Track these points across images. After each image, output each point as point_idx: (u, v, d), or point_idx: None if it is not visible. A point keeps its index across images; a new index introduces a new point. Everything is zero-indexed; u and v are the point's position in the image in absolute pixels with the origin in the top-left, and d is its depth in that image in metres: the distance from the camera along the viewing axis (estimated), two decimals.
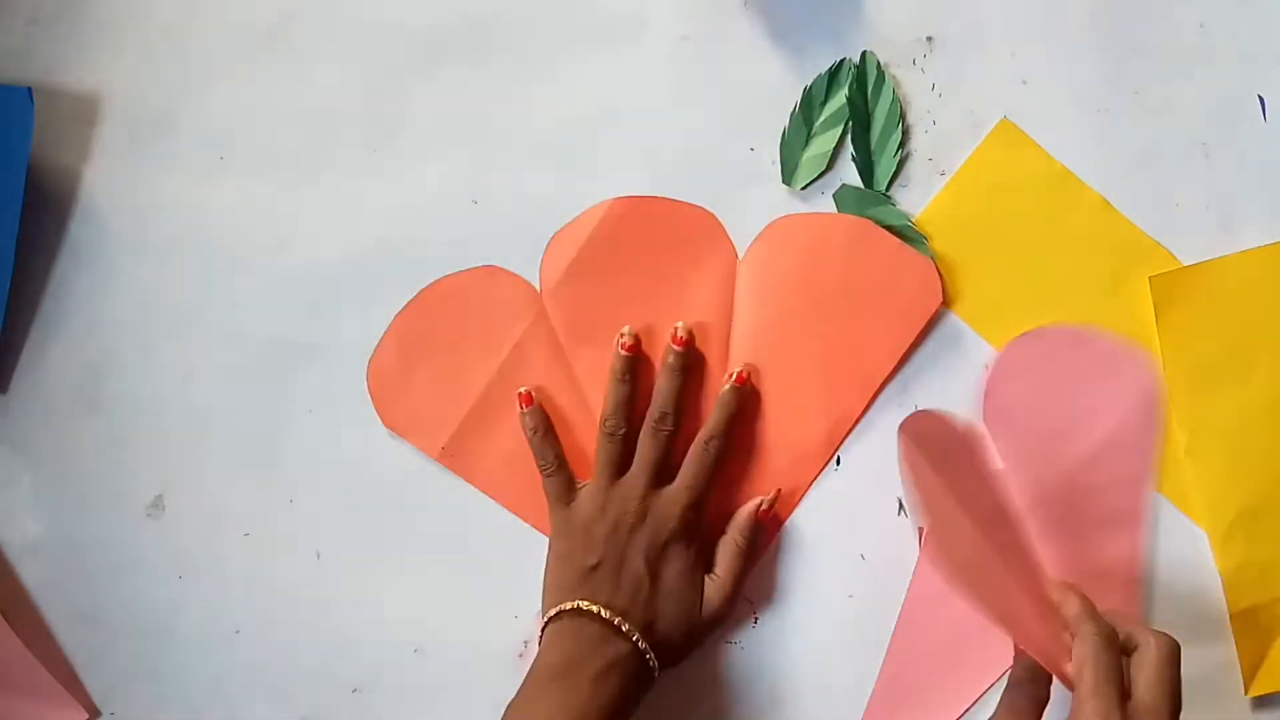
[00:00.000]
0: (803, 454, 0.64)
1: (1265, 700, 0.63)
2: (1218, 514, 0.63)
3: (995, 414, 0.64)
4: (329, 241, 0.66)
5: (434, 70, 0.67)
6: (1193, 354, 0.64)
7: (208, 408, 0.66)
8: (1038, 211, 0.65)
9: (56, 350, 0.66)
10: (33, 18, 0.67)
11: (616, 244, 0.65)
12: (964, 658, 0.64)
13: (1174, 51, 0.65)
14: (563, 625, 0.58)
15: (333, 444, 0.66)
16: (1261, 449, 0.64)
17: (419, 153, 0.66)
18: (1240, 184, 0.65)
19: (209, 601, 0.65)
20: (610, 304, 0.65)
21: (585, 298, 0.65)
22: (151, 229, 0.67)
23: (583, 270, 0.65)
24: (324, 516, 0.66)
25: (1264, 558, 0.63)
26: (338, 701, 0.65)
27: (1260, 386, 0.64)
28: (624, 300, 0.65)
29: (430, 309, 0.65)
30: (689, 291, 0.65)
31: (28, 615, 0.65)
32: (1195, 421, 0.64)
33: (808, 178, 0.65)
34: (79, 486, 0.66)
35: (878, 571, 0.64)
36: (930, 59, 0.66)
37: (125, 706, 0.65)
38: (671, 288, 0.65)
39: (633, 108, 0.66)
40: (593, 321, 0.65)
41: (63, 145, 0.67)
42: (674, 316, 0.64)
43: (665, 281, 0.65)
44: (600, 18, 0.66)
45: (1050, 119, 0.65)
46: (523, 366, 0.65)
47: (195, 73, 0.67)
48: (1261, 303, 0.64)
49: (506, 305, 0.65)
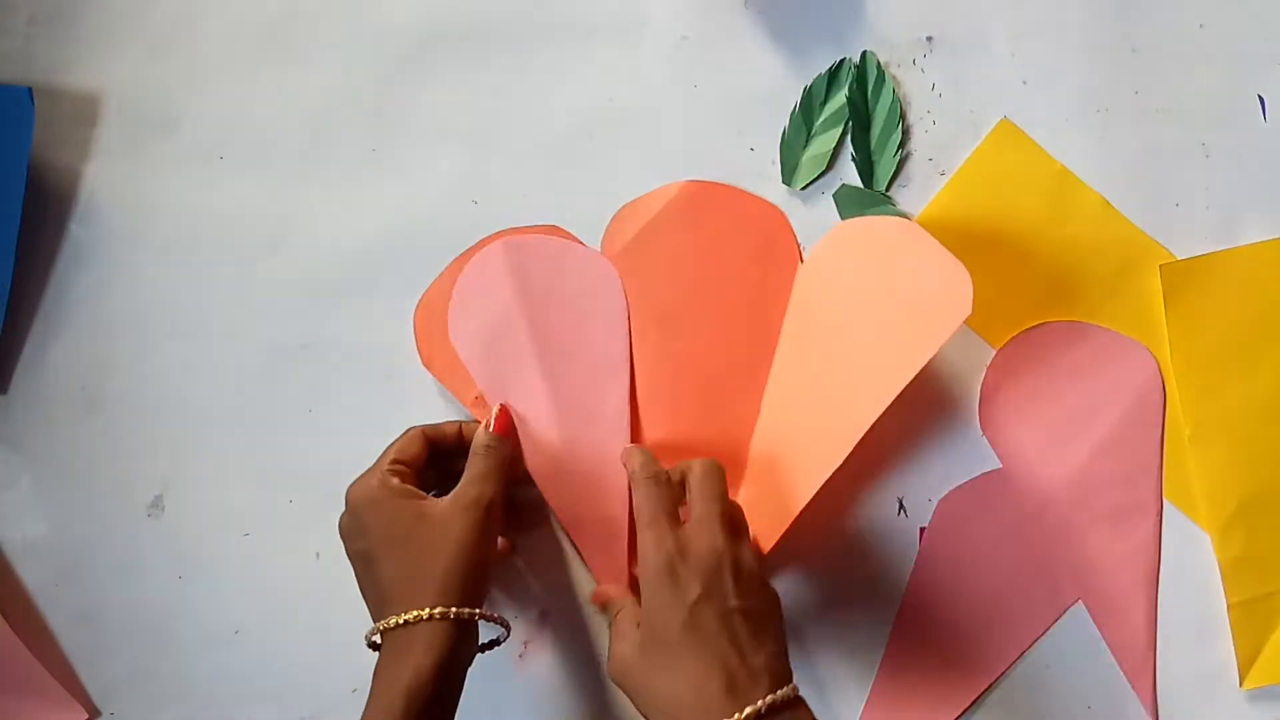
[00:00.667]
0: (820, 452, 0.61)
1: (1260, 693, 0.63)
2: (1218, 505, 0.64)
3: (995, 412, 0.64)
4: (329, 241, 0.66)
5: (434, 70, 0.67)
6: (1200, 344, 0.64)
7: (207, 408, 0.66)
8: (1038, 211, 0.65)
9: (56, 350, 0.66)
10: (33, 18, 0.67)
11: (682, 226, 0.65)
12: (962, 657, 0.64)
13: (1174, 51, 0.65)
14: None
15: (333, 444, 0.66)
16: (1264, 442, 0.64)
17: (419, 152, 0.67)
18: (1240, 184, 0.65)
19: (209, 601, 0.65)
20: (666, 283, 0.65)
21: (643, 274, 0.65)
22: (151, 229, 0.67)
23: (644, 247, 0.65)
24: (324, 516, 0.65)
25: (1263, 550, 0.63)
26: (338, 701, 0.65)
27: (1266, 379, 0.64)
28: (680, 283, 0.64)
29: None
30: (747, 286, 0.64)
31: (28, 615, 0.65)
32: (1200, 412, 0.64)
33: (808, 178, 0.65)
34: (79, 486, 0.66)
35: (878, 571, 0.64)
36: (930, 59, 0.66)
37: (125, 706, 0.65)
38: (730, 278, 0.65)
39: (633, 107, 0.66)
40: (646, 298, 0.64)
41: (63, 145, 0.67)
42: (726, 308, 0.64)
43: (725, 271, 0.65)
44: (600, 17, 0.66)
45: (1050, 119, 0.65)
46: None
47: (195, 73, 0.67)
48: (1271, 295, 0.64)
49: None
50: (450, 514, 0.57)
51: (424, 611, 0.54)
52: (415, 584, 0.55)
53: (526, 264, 0.64)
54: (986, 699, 0.64)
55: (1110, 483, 0.64)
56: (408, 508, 0.57)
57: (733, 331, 0.64)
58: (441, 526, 0.56)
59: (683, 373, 0.64)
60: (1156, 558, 0.64)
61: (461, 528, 0.56)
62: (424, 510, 0.57)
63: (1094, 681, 0.64)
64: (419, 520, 0.56)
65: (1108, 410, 0.64)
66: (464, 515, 0.57)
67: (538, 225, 0.65)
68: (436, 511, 0.57)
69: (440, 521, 0.57)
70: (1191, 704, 0.64)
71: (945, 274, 0.59)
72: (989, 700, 0.64)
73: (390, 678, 0.54)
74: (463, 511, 0.57)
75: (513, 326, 0.63)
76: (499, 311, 0.63)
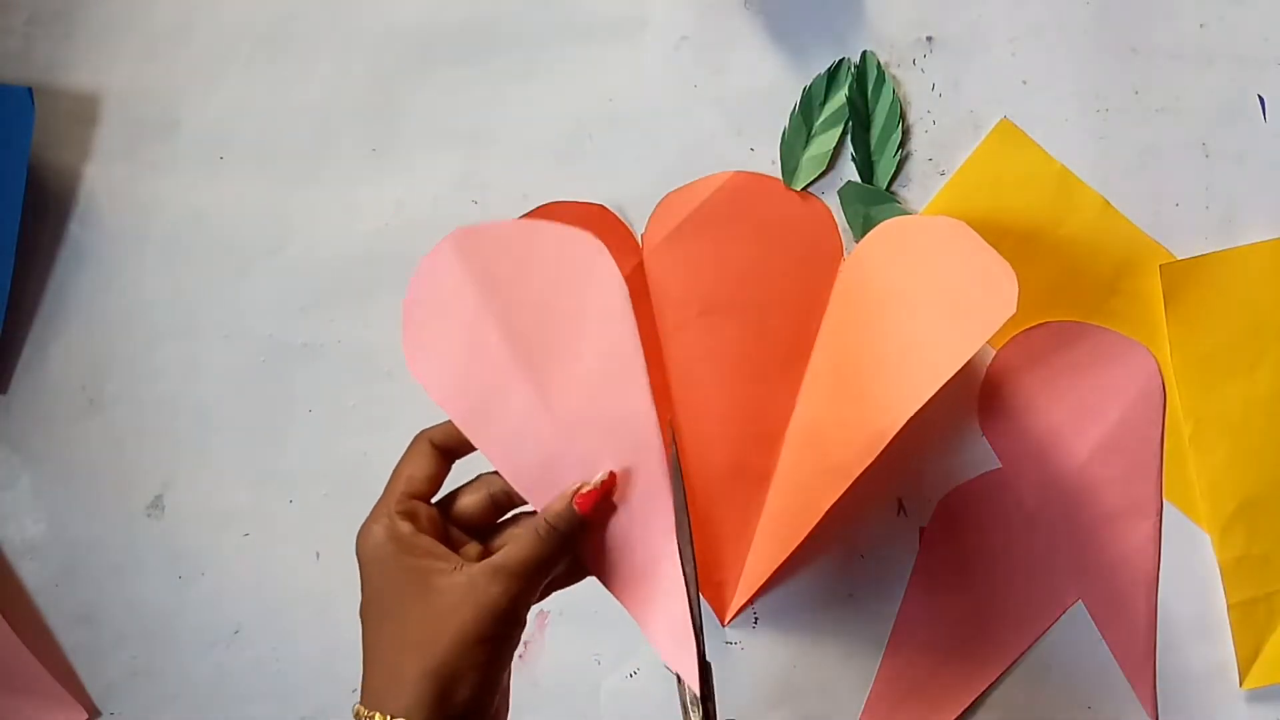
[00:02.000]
0: (852, 450, 0.59)
1: (1260, 693, 0.63)
2: (1219, 505, 0.64)
3: (995, 412, 0.64)
4: (329, 241, 0.66)
5: (433, 70, 0.67)
6: (1200, 344, 0.64)
7: (208, 407, 0.66)
8: (1038, 212, 0.65)
9: (56, 350, 0.66)
10: (33, 18, 0.67)
11: (727, 217, 0.65)
12: (962, 657, 0.64)
13: (1174, 51, 0.65)
14: None
15: (333, 444, 0.66)
16: (1265, 442, 0.64)
17: (419, 152, 0.67)
18: (1240, 184, 0.65)
19: (209, 601, 0.65)
20: (708, 273, 0.64)
21: (685, 262, 0.65)
22: (151, 229, 0.67)
23: (689, 234, 0.65)
24: (324, 516, 0.66)
25: (1263, 550, 0.63)
26: (338, 701, 0.65)
27: (1266, 379, 0.64)
28: (721, 273, 0.64)
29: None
30: (790, 281, 0.64)
31: (28, 615, 0.65)
32: (1200, 411, 0.64)
33: (808, 178, 0.65)
34: (79, 486, 0.66)
35: (878, 571, 0.64)
36: (930, 59, 0.66)
37: (125, 706, 0.65)
38: (772, 273, 0.64)
39: (632, 107, 0.66)
40: (687, 286, 0.64)
41: (63, 145, 0.67)
42: (767, 300, 0.64)
43: (767, 265, 0.64)
44: (600, 17, 0.66)
45: (1050, 119, 0.65)
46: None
47: (195, 73, 0.67)
48: (1271, 295, 0.64)
49: (610, 248, 0.59)
50: (464, 594, 0.44)
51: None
52: (393, 676, 0.44)
53: (487, 257, 0.50)
54: (986, 699, 0.64)
55: (1110, 483, 0.64)
56: (411, 571, 0.44)
57: (773, 326, 0.64)
58: (448, 609, 0.44)
59: (721, 366, 0.64)
60: (1156, 558, 0.64)
61: (473, 619, 0.43)
62: (431, 579, 0.44)
63: (1094, 681, 0.64)
64: (420, 591, 0.44)
65: (1108, 410, 0.64)
66: (482, 601, 0.44)
67: (581, 201, 0.65)
68: (447, 584, 0.44)
69: (448, 601, 0.44)
70: (1192, 704, 0.64)
71: (990, 272, 0.57)
72: (989, 700, 0.64)
73: None
74: (482, 595, 0.44)
75: (484, 341, 0.50)
76: (464, 325, 0.50)
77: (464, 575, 0.44)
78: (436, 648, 0.43)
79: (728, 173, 0.65)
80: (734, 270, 0.65)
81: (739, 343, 0.64)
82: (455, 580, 0.44)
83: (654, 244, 0.65)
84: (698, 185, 0.65)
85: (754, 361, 0.64)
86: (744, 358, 0.64)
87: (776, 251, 0.65)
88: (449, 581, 0.44)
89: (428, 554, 0.45)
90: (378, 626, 0.45)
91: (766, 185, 0.65)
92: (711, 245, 0.65)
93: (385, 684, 0.44)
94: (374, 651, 0.45)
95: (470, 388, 0.50)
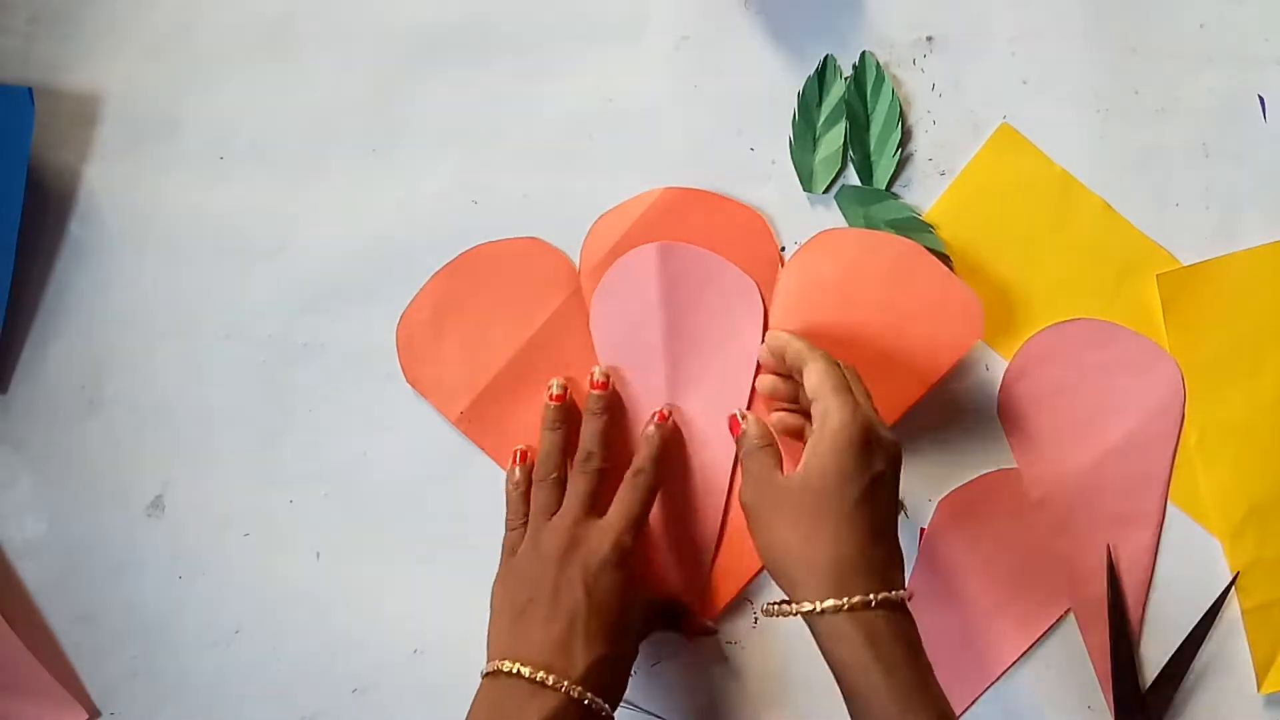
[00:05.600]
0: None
1: (1278, 697, 0.63)
2: (1229, 511, 0.64)
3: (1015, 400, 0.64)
4: (329, 241, 0.66)
5: (434, 70, 0.67)
6: (1200, 351, 0.64)
7: (208, 408, 0.66)
8: (1039, 216, 0.65)
9: (56, 350, 0.66)
10: (33, 18, 0.67)
11: (661, 232, 0.65)
12: (962, 657, 0.64)
13: (1174, 51, 0.65)
14: (490, 686, 0.55)
15: (333, 444, 0.66)
16: (1271, 446, 0.64)
17: (419, 152, 0.66)
18: (1240, 184, 0.65)
19: (209, 601, 0.65)
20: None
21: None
22: (151, 229, 0.67)
23: (625, 253, 0.65)
24: (324, 516, 0.66)
25: (1275, 554, 0.63)
26: (338, 701, 0.65)
27: (1269, 383, 0.64)
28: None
29: (469, 272, 0.65)
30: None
31: (28, 615, 0.65)
32: (1205, 419, 0.64)
33: (826, 179, 0.65)
34: (79, 486, 0.66)
35: None
36: (930, 59, 0.66)
37: (125, 706, 0.65)
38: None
39: (633, 107, 0.66)
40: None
41: (63, 145, 0.67)
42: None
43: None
44: (600, 17, 0.66)
45: (1050, 119, 0.65)
46: (553, 342, 0.65)
47: (195, 73, 0.67)
48: (1268, 300, 0.64)
49: (545, 278, 0.65)
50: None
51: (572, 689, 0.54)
52: (565, 644, 0.55)
53: (679, 270, 0.64)
54: (986, 699, 0.64)
55: (1117, 488, 0.63)
56: (615, 581, 0.58)
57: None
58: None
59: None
60: (1149, 569, 0.63)
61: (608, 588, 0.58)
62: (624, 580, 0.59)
63: (1094, 682, 0.64)
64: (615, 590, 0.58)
65: (1125, 416, 0.64)
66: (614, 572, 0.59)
67: (512, 238, 0.65)
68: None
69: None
70: (1210, 709, 0.63)
71: (952, 295, 0.62)
72: (988, 700, 0.64)
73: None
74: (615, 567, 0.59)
75: (650, 326, 0.64)
76: (641, 307, 0.64)
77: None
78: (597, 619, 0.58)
79: (658, 189, 0.65)
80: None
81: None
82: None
83: (591, 266, 0.65)
84: (628, 205, 0.65)
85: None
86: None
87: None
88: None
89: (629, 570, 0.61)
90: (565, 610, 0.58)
91: (698, 198, 0.65)
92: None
93: (551, 648, 0.56)
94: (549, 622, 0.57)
95: (625, 348, 0.64)
